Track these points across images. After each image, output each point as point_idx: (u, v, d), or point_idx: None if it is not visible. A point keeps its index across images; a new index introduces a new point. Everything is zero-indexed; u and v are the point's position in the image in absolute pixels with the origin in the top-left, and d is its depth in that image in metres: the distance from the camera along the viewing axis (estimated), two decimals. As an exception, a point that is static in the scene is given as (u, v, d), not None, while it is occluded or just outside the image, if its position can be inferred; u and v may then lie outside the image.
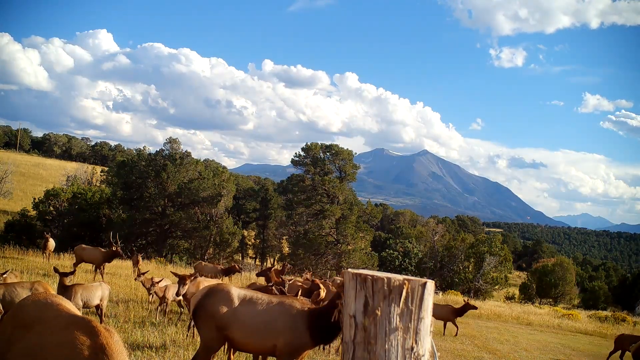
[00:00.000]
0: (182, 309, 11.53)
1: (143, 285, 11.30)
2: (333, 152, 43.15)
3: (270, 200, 55.53)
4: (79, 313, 3.72)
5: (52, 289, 7.76)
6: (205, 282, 9.37)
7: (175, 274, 9.05)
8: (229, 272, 17.37)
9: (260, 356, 6.58)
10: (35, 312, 3.52)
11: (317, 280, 12.09)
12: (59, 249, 30.14)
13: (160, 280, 10.98)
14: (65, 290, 8.37)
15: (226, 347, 7.20)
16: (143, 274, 11.85)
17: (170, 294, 10.79)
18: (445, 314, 15.24)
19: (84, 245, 17.28)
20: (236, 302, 5.64)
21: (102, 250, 16.68)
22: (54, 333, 3.26)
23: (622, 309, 47.00)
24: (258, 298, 5.72)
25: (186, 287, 8.73)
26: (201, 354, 5.67)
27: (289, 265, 20.44)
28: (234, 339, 5.63)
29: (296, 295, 9.05)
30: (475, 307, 16.00)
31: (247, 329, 5.56)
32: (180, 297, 11.06)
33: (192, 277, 9.09)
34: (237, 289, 5.85)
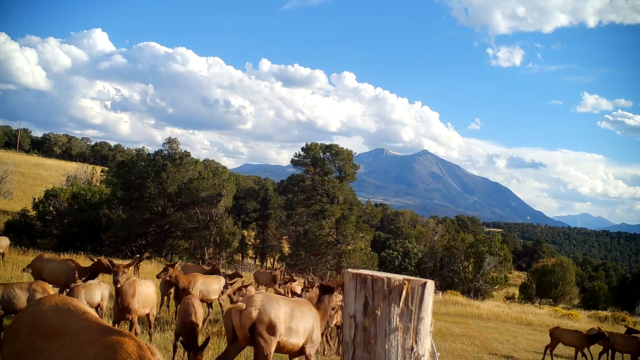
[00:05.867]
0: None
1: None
2: (333, 152, 43.16)
3: (270, 200, 55.52)
4: (101, 320, 3.28)
5: (51, 289, 7.74)
6: (141, 282, 8.04)
7: (111, 263, 7.38)
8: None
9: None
10: (57, 322, 3.07)
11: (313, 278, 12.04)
12: (58, 249, 30.16)
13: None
14: (68, 292, 8.37)
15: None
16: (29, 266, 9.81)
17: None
18: (577, 341, 13.10)
19: (188, 263, 16.54)
20: (285, 308, 5.91)
21: (206, 267, 15.25)
22: (91, 349, 2.81)
23: (622, 309, 47.00)
24: (287, 301, 6.16)
25: (124, 277, 7.23)
26: None
27: (284, 267, 20.15)
28: (279, 342, 5.86)
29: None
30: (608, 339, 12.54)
31: (292, 332, 5.93)
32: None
33: (128, 267, 7.43)
34: (276, 295, 6.26)
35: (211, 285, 10.83)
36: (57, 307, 3.21)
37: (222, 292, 9.67)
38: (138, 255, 10.18)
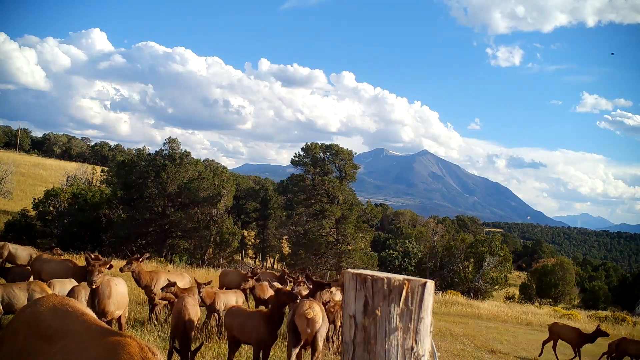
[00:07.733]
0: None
1: None
2: (333, 152, 43.14)
3: (270, 200, 55.55)
4: (100, 321, 3.24)
5: (49, 289, 7.73)
6: (115, 281, 7.53)
7: (87, 260, 6.70)
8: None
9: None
10: (56, 323, 3.03)
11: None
12: (58, 249, 30.02)
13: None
14: (69, 292, 8.32)
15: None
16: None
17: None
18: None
19: (227, 270, 16.17)
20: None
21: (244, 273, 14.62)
22: (94, 351, 2.77)
23: (622, 309, 46.99)
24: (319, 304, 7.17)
25: (100, 278, 6.63)
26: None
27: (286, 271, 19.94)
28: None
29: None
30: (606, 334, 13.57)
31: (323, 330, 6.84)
32: None
33: (105, 264, 6.78)
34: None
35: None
36: (55, 308, 3.16)
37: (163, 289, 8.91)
38: (138, 256, 10.12)
